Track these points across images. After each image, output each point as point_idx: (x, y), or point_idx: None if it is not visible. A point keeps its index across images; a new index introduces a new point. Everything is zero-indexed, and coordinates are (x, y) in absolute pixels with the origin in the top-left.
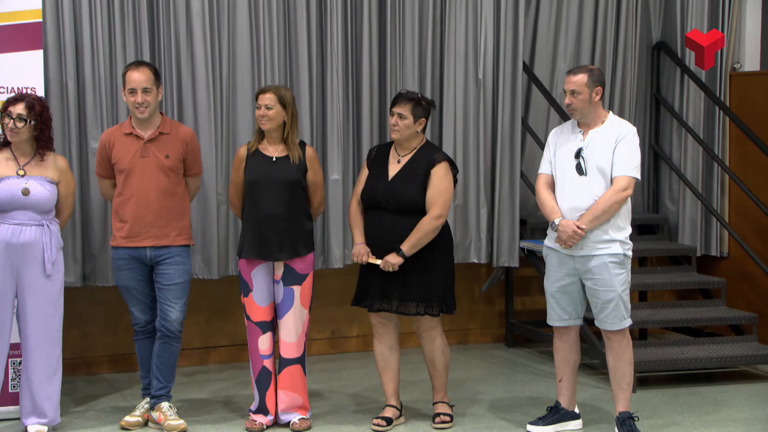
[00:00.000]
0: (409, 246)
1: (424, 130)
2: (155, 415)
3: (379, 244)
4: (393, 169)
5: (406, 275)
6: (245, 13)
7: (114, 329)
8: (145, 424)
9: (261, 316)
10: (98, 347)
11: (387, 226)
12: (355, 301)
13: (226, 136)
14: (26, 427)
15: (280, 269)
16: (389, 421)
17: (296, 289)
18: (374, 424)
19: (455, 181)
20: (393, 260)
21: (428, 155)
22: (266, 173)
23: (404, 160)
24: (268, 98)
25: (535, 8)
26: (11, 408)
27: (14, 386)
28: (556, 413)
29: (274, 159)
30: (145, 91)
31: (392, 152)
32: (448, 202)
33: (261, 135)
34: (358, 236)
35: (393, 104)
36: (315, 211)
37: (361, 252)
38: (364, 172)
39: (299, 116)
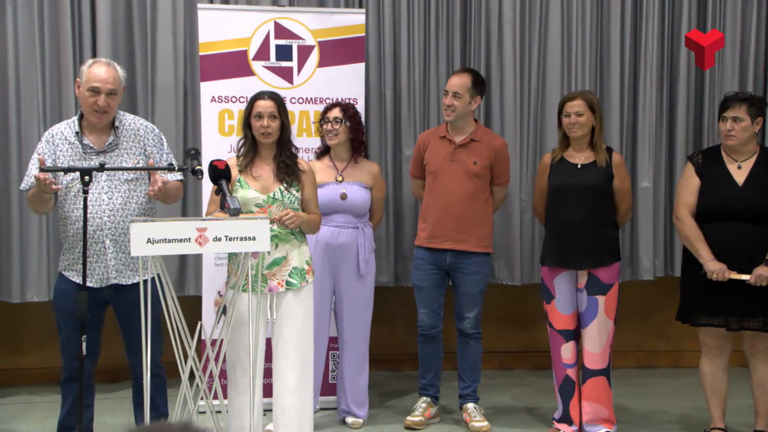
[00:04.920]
0: None
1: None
2: (463, 415)
3: (733, 257)
4: (738, 174)
5: (761, 289)
6: (557, 20)
7: (416, 330)
8: (427, 423)
9: (564, 324)
10: (404, 345)
11: (741, 236)
12: (693, 320)
13: (532, 142)
14: (343, 417)
15: (583, 278)
16: None
17: (600, 299)
18: None
19: None
20: (767, 273)
21: None
22: (570, 180)
23: (747, 165)
24: (578, 105)
25: None
26: (331, 398)
27: (333, 378)
28: None
29: (579, 166)
30: (455, 95)
31: (725, 157)
32: None
33: (566, 142)
34: (706, 252)
35: (723, 108)
36: (621, 219)
37: (722, 268)
38: (693, 181)
39: (608, 122)
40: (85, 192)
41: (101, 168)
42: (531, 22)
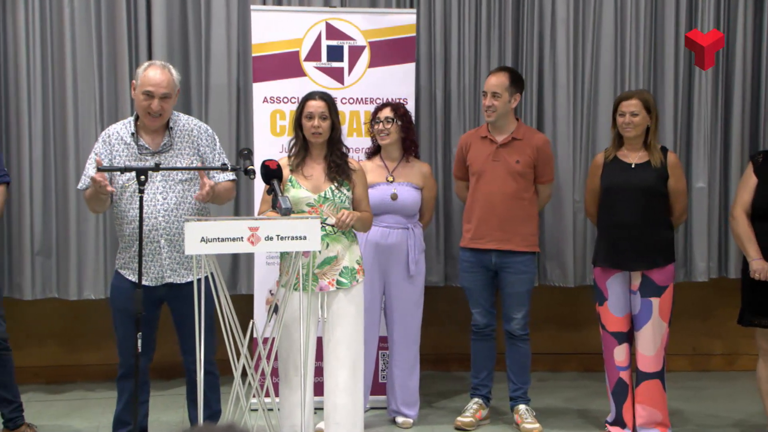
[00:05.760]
0: None
1: None
2: (514, 417)
3: None
4: None
5: None
6: (611, 18)
7: (468, 329)
8: (478, 424)
9: (616, 327)
10: (454, 345)
11: None
12: (747, 320)
13: (585, 142)
14: (393, 417)
15: (637, 279)
16: None
17: (654, 301)
18: None
19: None
20: None
21: None
22: (623, 180)
23: None
24: (633, 105)
25: None
26: (381, 397)
27: (383, 377)
28: None
29: (632, 166)
30: (494, 95)
31: None
32: None
33: (619, 142)
34: (755, 251)
35: None
36: (676, 220)
37: (764, 268)
38: (751, 180)
39: (662, 121)
40: (141, 191)
41: (157, 168)
42: (585, 20)
